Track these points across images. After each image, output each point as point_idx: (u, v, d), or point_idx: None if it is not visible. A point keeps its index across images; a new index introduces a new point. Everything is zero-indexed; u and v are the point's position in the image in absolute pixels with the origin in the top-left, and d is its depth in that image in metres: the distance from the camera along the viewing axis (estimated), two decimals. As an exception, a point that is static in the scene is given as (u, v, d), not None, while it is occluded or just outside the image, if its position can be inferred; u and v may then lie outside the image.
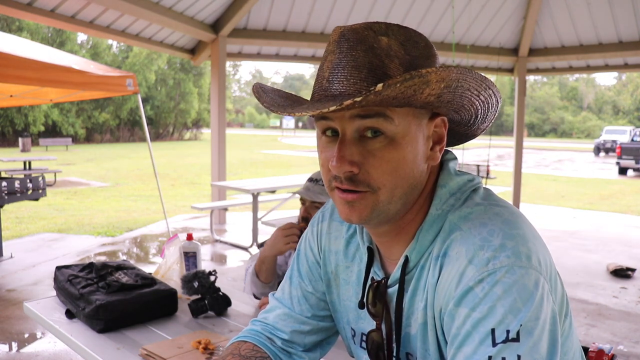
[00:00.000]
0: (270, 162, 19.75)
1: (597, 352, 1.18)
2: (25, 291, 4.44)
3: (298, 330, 1.02)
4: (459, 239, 0.77)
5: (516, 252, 0.73)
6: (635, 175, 17.16)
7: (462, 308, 0.73)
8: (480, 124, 0.90)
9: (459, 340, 0.73)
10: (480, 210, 0.79)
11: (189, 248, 2.08)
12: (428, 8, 7.85)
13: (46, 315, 1.76)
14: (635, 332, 3.78)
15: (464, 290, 0.73)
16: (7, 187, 5.17)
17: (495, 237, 0.74)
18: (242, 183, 6.47)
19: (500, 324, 0.69)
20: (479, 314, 0.71)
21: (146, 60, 32.44)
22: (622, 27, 7.78)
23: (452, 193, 0.83)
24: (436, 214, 0.82)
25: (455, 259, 0.76)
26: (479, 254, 0.73)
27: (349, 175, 0.77)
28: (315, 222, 1.05)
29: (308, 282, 1.03)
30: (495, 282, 0.71)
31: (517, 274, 0.71)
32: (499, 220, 0.77)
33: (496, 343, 0.69)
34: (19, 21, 25.75)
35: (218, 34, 7.14)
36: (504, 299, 0.70)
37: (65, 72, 4.63)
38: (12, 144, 26.41)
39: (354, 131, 0.76)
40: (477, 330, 0.71)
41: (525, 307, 0.70)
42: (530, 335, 0.69)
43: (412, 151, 0.78)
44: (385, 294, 0.88)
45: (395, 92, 0.67)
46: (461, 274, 0.74)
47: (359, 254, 0.95)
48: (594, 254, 6.09)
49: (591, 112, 59.15)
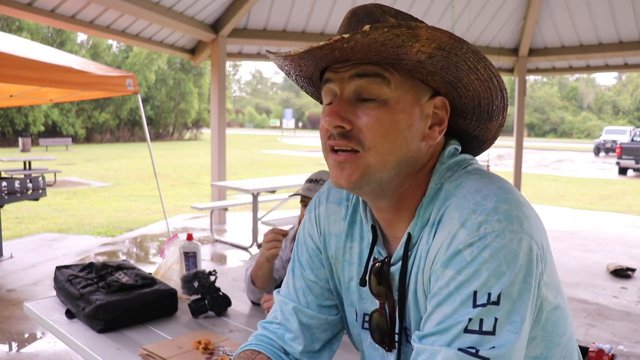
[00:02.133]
0: (270, 162, 19.75)
1: (597, 352, 1.18)
2: (25, 291, 4.44)
3: (306, 325, 0.99)
4: (454, 205, 0.77)
5: (508, 216, 0.73)
6: (635, 175, 17.16)
7: (449, 270, 0.74)
8: (488, 121, 0.88)
9: (439, 299, 0.74)
10: (475, 177, 0.80)
11: (189, 248, 2.08)
12: (428, 8, 7.85)
13: (46, 315, 1.76)
14: (635, 332, 3.78)
15: (453, 253, 0.74)
16: (7, 187, 5.17)
17: (489, 200, 0.75)
18: (242, 183, 6.47)
19: (483, 287, 0.71)
20: (464, 277, 0.72)
21: (146, 60, 32.43)
22: (622, 27, 7.78)
23: (450, 168, 0.84)
24: (435, 187, 0.82)
25: (448, 223, 0.77)
26: (472, 218, 0.74)
27: (341, 130, 0.78)
28: (312, 208, 1.04)
29: (310, 270, 1.01)
30: (484, 246, 0.72)
31: (506, 238, 0.72)
32: (494, 186, 0.77)
33: (476, 305, 0.70)
34: (19, 21, 25.75)
35: (218, 34, 7.14)
36: (490, 263, 0.71)
37: (65, 72, 4.63)
38: (12, 144, 26.41)
39: (351, 92, 0.79)
40: (460, 291, 0.72)
41: (509, 271, 0.71)
42: (510, 298, 0.70)
43: (406, 119, 0.79)
44: (388, 273, 0.87)
45: (383, 37, 0.69)
46: (452, 237, 0.75)
47: (360, 234, 0.95)
48: (594, 254, 6.09)
49: (591, 112, 59.14)
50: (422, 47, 0.72)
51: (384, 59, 0.76)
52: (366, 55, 0.75)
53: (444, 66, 0.77)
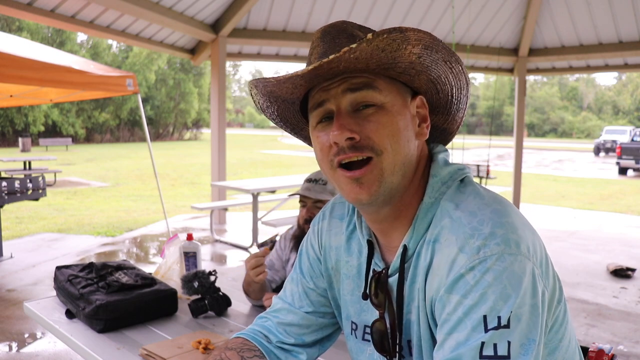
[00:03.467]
0: (270, 162, 19.75)
1: (597, 352, 1.18)
2: (25, 291, 4.44)
3: (297, 324, 1.04)
4: (449, 227, 0.79)
5: (505, 239, 0.74)
6: (635, 175, 17.16)
7: (454, 295, 0.75)
8: (456, 112, 0.93)
9: (450, 326, 0.74)
10: (470, 199, 0.81)
11: (189, 248, 2.08)
12: (428, 8, 7.85)
13: (46, 315, 1.76)
14: (635, 332, 3.78)
15: (455, 278, 0.75)
16: (7, 187, 5.17)
17: (485, 225, 0.76)
18: (242, 183, 6.47)
19: (492, 311, 0.71)
20: (471, 301, 0.73)
21: (146, 60, 32.43)
22: (622, 27, 7.78)
23: (444, 182, 0.85)
24: (430, 202, 0.84)
25: (445, 246, 0.78)
26: (470, 242, 0.75)
27: (351, 143, 0.80)
28: (316, 222, 1.08)
29: (309, 278, 1.06)
30: (486, 269, 0.73)
31: (507, 261, 0.73)
32: (488, 210, 0.78)
33: (488, 329, 0.71)
34: (19, 21, 25.75)
35: (218, 34, 7.14)
36: (495, 286, 0.72)
37: (65, 72, 4.63)
38: (12, 144, 26.41)
39: (348, 105, 0.81)
40: (469, 317, 0.73)
41: (515, 294, 0.72)
42: (519, 321, 0.71)
43: (403, 120, 0.83)
44: (386, 284, 0.89)
45: (383, 43, 0.73)
46: (452, 262, 0.76)
47: (358, 248, 0.97)
48: (594, 254, 6.09)
49: (591, 112, 59.14)
50: (412, 49, 0.77)
51: (381, 65, 0.79)
52: (366, 64, 0.77)
53: (429, 64, 0.82)
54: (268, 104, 0.91)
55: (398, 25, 0.87)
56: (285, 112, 0.95)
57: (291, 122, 0.99)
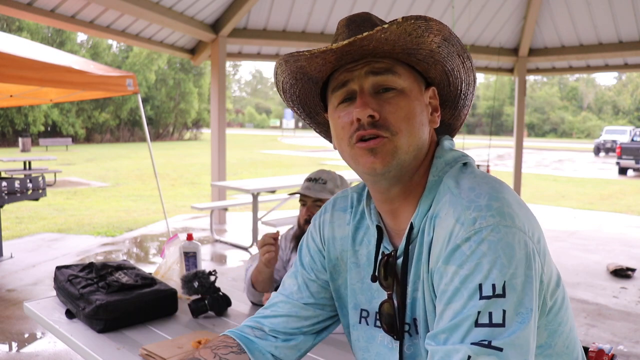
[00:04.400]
0: (270, 162, 19.75)
1: (597, 352, 1.18)
2: (25, 291, 4.44)
3: (295, 315, 1.04)
4: (449, 201, 0.82)
5: (500, 212, 0.77)
6: (635, 175, 17.16)
7: (450, 265, 0.77)
8: (462, 108, 0.99)
9: (448, 296, 0.76)
10: (470, 177, 0.85)
11: (189, 248, 2.08)
12: (428, 8, 7.85)
13: (46, 315, 1.76)
14: (635, 332, 3.78)
15: (452, 248, 0.77)
16: (7, 187, 5.16)
17: (482, 198, 0.79)
18: (242, 183, 6.47)
19: (486, 279, 0.73)
20: (467, 271, 0.75)
21: (146, 60, 32.43)
22: (622, 27, 7.78)
23: (447, 163, 0.90)
24: (433, 180, 0.88)
25: (444, 219, 0.81)
26: (466, 214, 0.78)
27: (371, 120, 0.84)
28: (317, 216, 1.11)
29: (310, 270, 1.07)
30: (481, 240, 0.75)
31: (501, 232, 0.75)
32: (486, 186, 0.82)
33: (482, 297, 0.73)
34: (19, 21, 25.75)
35: (218, 34, 7.14)
36: (489, 256, 0.74)
37: (65, 72, 4.63)
38: (12, 144, 26.41)
39: (370, 87, 0.86)
40: (465, 286, 0.75)
41: (509, 263, 0.74)
42: (514, 290, 0.73)
43: (420, 105, 0.89)
44: (395, 266, 0.92)
45: (411, 27, 0.78)
46: (449, 233, 0.79)
47: (367, 237, 1.00)
48: (594, 254, 6.09)
49: (591, 112, 59.14)
50: (434, 38, 0.83)
51: (406, 50, 0.85)
52: (393, 46, 0.83)
53: (446, 56, 0.88)
54: (293, 81, 0.94)
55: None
56: (306, 94, 0.98)
57: (309, 106, 1.02)
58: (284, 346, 1.03)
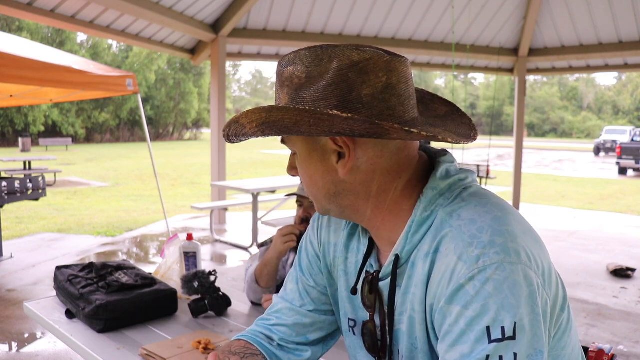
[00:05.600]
0: (270, 162, 19.75)
1: (597, 352, 1.18)
2: (25, 291, 4.44)
3: (300, 323, 1.03)
4: (449, 236, 0.77)
5: (505, 248, 0.73)
6: (635, 175, 17.16)
7: (454, 306, 0.73)
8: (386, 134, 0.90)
9: (453, 338, 0.73)
10: (469, 207, 0.79)
11: (189, 248, 2.08)
12: (428, 8, 7.85)
13: (46, 315, 1.76)
14: (635, 332, 3.78)
15: (455, 288, 0.73)
16: (7, 187, 5.16)
17: (484, 233, 0.74)
18: (242, 183, 6.46)
19: (495, 322, 0.70)
20: (472, 312, 0.71)
21: (146, 60, 32.43)
22: (622, 27, 7.78)
23: (442, 194, 0.83)
24: (425, 215, 0.82)
25: (445, 255, 0.77)
26: (468, 251, 0.74)
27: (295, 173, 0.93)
28: (315, 218, 1.09)
29: (309, 276, 1.06)
30: (486, 279, 0.71)
31: (507, 270, 0.71)
32: (488, 217, 0.77)
33: (492, 340, 0.70)
34: (19, 21, 25.75)
35: (218, 34, 7.14)
36: (496, 296, 0.70)
37: (65, 72, 4.63)
38: (12, 144, 26.41)
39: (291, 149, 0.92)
40: (472, 328, 0.71)
41: (517, 303, 0.70)
42: (524, 331, 0.70)
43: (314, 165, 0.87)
44: (377, 286, 0.89)
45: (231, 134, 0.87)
46: (452, 271, 0.75)
47: (357, 246, 0.97)
48: (594, 254, 6.09)
49: (591, 112, 59.11)
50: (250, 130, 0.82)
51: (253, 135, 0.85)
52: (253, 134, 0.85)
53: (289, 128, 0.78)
54: None
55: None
56: None
57: None
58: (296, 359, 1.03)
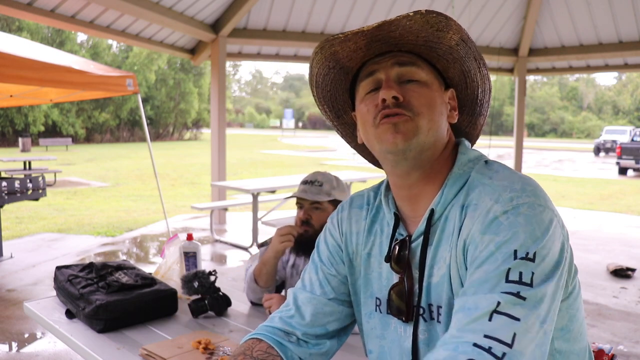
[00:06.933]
0: (270, 162, 19.75)
1: (597, 352, 1.18)
2: (25, 291, 4.44)
3: (320, 312, 1.06)
4: (484, 191, 0.87)
5: (535, 193, 0.84)
6: (635, 175, 17.16)
7: (487, 235, 0.82)
8: (479, 115, 1.05)
9: (482, 260, 0.81)
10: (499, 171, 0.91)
11: (189, 248, 2.08)
12: (428, 8, 7.84)
13: (46, 315, 1.76)
14: (635, 332, 3.78)
15: (490, 220, 0.83)
16: (7, 187, 5.16)
17: (516, 184, 0.86)
18: (242, 183, 6.46)
19: (522, 247, 0.79)
20: (503, 238, 0.80)
21: (146, 60, 32.41)
22: (622, 27, 7.78)
23: (470, 160, 0.95)
24: (459, 172, 0.93)
25: (480, 206, 0.86)
26: (503, 195, 0.84)
27: (395, 102, 0.91)
28: (335, 214, 1.15)
29: (330, 265, 1.10)
30: (519, 213, 0.81)
31: (537, 209, 0.82)
32: (516, 176, 0.88)
33: (516, 258, 0.79)
34: (19, 21, 25.74)
35: (218, 34, 7.14)
36: (526, 227, 0.80)
37: (65, 72, 4.62)
38: (12, 144, 26.40)
39: (395, 76, 0.93)
40: (500, 250, 0.80)
41: (542, 236, 0.80)
42: (543, 259, 0.79)
43: (439, 97, 0.95)
44: (409, 250, 0.95)
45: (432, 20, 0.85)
46: (487, 210, 0.84)
47: (381, 228, 1.04)
48: (594, 254, 6.09)
49: (591, 112, 59.11)
50: (453, 35, 0.89)
51: (428, 42, 0.91)
52: (417, 36, 0.89)
53: (464, 56, 0.93)
54: (326, 71, 0.99)
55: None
56: (337, 86, 1.04)
57: (338, 102, 1.07)
58: (316, 353, 1.05)
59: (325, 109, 1.08)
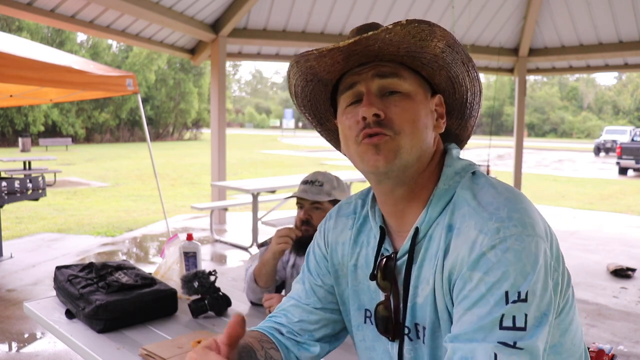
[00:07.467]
0: (270, 162, 19.75)
1: (597, 352, 1.18)
2: (25, 291, 4.44)
3: (306, 320, 1.07)
4: (468, 214, 0.84)
5: (522, 222, 0.80)
6: (635, 175, 17.16)
7: (476, 272, 0.79)
8: (469, 118, 1.01)
9: (472, 302, 0.79)
10: (485, 190, 0.87)
11: (189, 248, 2.08)
12: (428, 8, 7.85)
13: (46, 315, 1.76)
14: (635, 332, 3.78)
15: (477, 256, 0.80)
16: (7, 187, 5.16)
17: (502, 210, 0.82)
18: (242, 183, 6.46)
19: (513, 287, 0.77)
20: (493, 278, 0.78)
21: (146, 60, 32.41)
22: (622, 27, 7.78)
23: (457, 172, 0.92)
24: (444, 188, 0.90)
25: (465, 231, 0.83)
26: (488, 224, 0.81)
27: (376, 119, 0.87)
28: (322, 223, 1.14)
29: (316, 275, 1.09)
30: (507, 248, 0.78)
31: (525, 241, 0.79)
32: (503, 198, 0.85)
33: (508, 302, 0.77)
34: (19, 21, 25.74)
35: (218, 34, 7.14)
36: (515, 264, 0.77)
37: (65, 72, 4.62)
38: (12, 144, 26.40)
39: (376, 89, 0.89)
40: (492, 292, 0.77)
41: (532, 271, 0.78)
42: (535, 296, 0.77)
43: (424, 109, 0.91)
44: (394, 268, 0.93)
45: (414, 30, 0.81)
46: (473, 242, 0.81)
47: (367, 240, 1.02)
48: (594, 254, 6.09)
49: (591, 112, 59.12)
50: (438, 43, 0.85)
51: (410, 53, 0.87)
52: (398, 47, 0.85)
53: (450, 62, 0.89)
54: (304, 84, 0.97)
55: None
56: (317, 97, 1.01)
57: (320, 111, 1.05)
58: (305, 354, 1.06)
59: (307, 116, 1.06)
